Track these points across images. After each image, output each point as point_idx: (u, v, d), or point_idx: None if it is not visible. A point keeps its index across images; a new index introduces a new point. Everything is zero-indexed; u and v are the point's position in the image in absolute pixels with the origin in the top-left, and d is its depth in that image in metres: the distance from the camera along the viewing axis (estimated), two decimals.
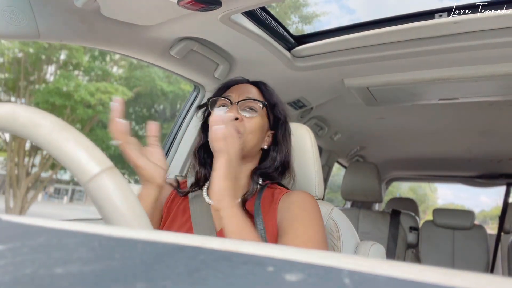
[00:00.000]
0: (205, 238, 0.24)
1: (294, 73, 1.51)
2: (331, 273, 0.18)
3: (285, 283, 0.17)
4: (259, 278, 0.18)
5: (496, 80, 1.40)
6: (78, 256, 0.21)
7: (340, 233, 1.06)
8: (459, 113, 2.12)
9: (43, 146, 0.37)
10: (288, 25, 8.79)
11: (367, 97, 1.74)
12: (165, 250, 0.22)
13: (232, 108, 0.90)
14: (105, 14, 0.99)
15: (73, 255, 0.22)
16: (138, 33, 1.11)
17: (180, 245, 0.23)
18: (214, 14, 1.01)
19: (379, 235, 2.59)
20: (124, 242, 0.24)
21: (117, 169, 0.37)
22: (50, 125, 0.38)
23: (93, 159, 0.36)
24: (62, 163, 0.37)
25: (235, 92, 0.94)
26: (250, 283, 0.18)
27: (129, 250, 0.22)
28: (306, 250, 0.22)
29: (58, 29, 0.96)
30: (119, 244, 0.23)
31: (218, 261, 0.20)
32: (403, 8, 24.00)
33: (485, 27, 1.14)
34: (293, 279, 0.18)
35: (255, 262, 0.20)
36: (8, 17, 0.86)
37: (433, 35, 1.21)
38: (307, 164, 1.09)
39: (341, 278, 0.18)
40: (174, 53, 1.24)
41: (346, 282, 0.17)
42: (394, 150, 3.22)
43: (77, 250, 0.22)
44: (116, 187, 0.35)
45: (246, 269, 0.19)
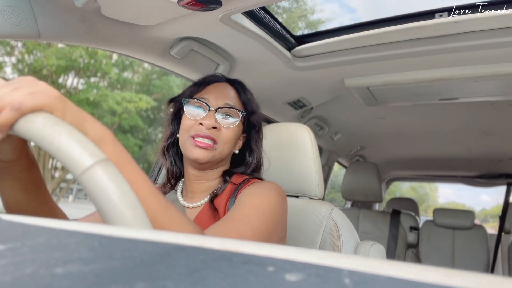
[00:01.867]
0: (205, 238, 0.24)
1: (295, 73, 1.51)
2: (331, 273, 0.18)
3: (285, 283, 0.17)
4: (259, 278, 0.18)
5: (497, 80, 1.40)
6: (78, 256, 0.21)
7: (340, 233, 1.06)
8: (459, 113, 2.12)
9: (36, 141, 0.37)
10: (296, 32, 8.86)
11: (367, 97, 1.74)
12: (165, 250, 0.22)
13: (210, 115, 0.86)
14: (106, 14, 0.99)
15: (73, 255, 0.21)
16: (138, 33, 1.11)
17: (180, 245, 0.23)
18: (214, 14, 1.01)
19: (379, 235, 2.59)
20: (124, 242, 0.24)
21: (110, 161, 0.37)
22: (42, 120, 0.38)
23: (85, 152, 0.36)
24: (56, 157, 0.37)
25: (213, 94, 0.89)
26: (250, 283, 0.18)
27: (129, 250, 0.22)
28: (306, 250, 0.22)
29: (58, 29, 0.96)
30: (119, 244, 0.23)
31: (218, 261, 0.20)
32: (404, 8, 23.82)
33: (486, 27, 1.14)
34: (293, 279, 0.18)
35: (255, 262, 0.20)
36: (9, 17, 0.86)
37: (433, 35, 1.21)
38: (307, 164, 1.09)
39: (341, 278, 0.18)
40: (174, 53, 1.24)
41: (346, 282, 0.17)
42: (394, 150, 3.22)
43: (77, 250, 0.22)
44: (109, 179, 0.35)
45: (246, 269, 0.19)
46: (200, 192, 0.90)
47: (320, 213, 1.08)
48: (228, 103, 0.88)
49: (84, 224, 0.28)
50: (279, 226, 0.79)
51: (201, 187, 0.90)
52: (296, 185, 1.12)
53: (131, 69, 10.89)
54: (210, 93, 0.89)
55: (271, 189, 0.81)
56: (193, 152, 0.83)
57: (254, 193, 0.79)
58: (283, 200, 0.82)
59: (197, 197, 0.90)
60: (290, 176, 1.12)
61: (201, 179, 0.90)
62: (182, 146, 0.87)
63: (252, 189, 0.81)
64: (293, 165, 1.11)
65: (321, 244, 1.06)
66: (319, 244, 1.06)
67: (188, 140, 0.84)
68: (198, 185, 0.90)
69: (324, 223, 1.07)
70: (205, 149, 0.83)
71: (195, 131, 0.84)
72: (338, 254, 0.22)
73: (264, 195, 0.78)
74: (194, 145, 0.83)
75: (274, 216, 0.75)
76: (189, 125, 0.85)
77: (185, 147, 0.85)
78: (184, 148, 0.86)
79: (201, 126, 0.84)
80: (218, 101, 0.88)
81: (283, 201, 0.82)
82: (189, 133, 0.85)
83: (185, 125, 0.86)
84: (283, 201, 0.82)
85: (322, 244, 1.06)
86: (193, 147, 0.83)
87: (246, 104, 0.93)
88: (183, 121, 0.87)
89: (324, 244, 1.06)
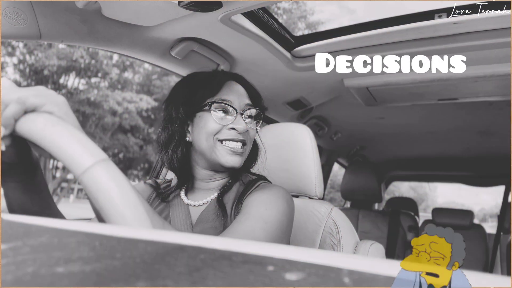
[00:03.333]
0: (206, 238, 0.24)
1: (294, 73, 1.51)
2: (330, 272, 0.18)
3: (285, 283, 0.17)
4: (259, 278, 0.18)
5: (495, 80, 1.40)
6: (79, 255, 0.21)
7: (339, 233, 1.06)
8: (458, 113, 2.12)
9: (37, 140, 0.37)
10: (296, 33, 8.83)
11: (366, 97, 1.74)
12: (166, 249, 0.22)
13: (239, 118, 0.84)
14: (106, 14, 0.99)
15: (74, 254, 0.21)
16: (139, 33, 1.11)
17: (180, 245, 0.23)
18: (214, 14, 1.01)
19: (379, 234, 2.59)
20: (125, 242, 0.24)
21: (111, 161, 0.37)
22: (43, 120, 0.38)
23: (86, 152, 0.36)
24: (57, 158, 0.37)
25: (232, 95, 0.86)
26: (250, 282, 0.18)
27: (130, 249, 0.22)
28: (306, 249, 0.22)
29: (59, 29, 0.96)
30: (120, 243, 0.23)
31: (218, 261, 0.20)
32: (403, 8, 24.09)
33: (484, 28, 1.14)
34: (293, 278, 0.18)
35: (255, 262, 0.20)
36: (10, 17, 0.86)
37: (432, 35, 1.21)
38: (307, 164, 1.09)
39: (341, 277, 0.18)
40: (174, 53, 1.24)
41: (346, 281, 0.17)
42: (394, 150, 3.22)
43: (78, 249, 0.22)
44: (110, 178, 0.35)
45: (246, 269, 0.19)
46: (206, 190, 0.90)
47: (320, 212, 1.08)
48: (249, 103, 0.89)
49: (85, 224, 0.28)
50: (285, 235, 0.79)
51: (209, 185, 0.90)
52: (296, 185, 1.12)
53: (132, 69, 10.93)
54: (228, 94, 0.86)
55: (279, 197, 0.81)
56: (229, 160, 0.83)
57: (262, 201, 0.78)
58: (290, 208, 0.82)
59: (202, 195, 0.90)
60: (290, 176, 1.12)
61: (213, 178, 0.90)
62: (207, 149, 0.84)
63: (260, 195, 0.81)
64: (293, 165, 1.11)
65: (321, 243, 1.06)
66: (318, 243, 1.06)
67: (217, 145, 0.83)
68: (208, 183, 0.90)
69: (323, 223, 1.07)
70: (240, 155, 0.84)
71: (227, 135, 0.83)
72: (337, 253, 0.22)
73: (273, 205, 0.77)
74: (229, 152, 0.83)
75: (280, 228, 0.75)
76: (216, 128, 0.83)
77: (213, 152, 0.84)
78: (210, 152, 0.84)
79: (233, 131, 0.83)
80: (240, 102, 0.87)
81: (290, 209, 0.82)
82: (217, 137, 0.83)
83: (211, 128, 0.83)
84: (290, 209, 0.82)
85: (322, 244, 1.06)
86: (227, 154, 0.83)
87: (256, 99, 0.93)
88: (207, 124, 0.84)
89: (323, 243, 1.06)
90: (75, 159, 0.35)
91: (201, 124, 0.85)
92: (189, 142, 0.88)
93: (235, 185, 0.90)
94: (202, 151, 0.85)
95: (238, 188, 0.89)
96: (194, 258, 0.21)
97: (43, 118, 0.39)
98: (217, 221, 0.82)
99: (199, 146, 0.86)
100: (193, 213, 0.87)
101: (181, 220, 0.85)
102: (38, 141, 0.37)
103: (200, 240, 0.24)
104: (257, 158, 0.96)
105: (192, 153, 0.89)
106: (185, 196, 0.91)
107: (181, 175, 0.91)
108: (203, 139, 0.84)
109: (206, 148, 0.84)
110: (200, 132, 0.85)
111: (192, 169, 0.91)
